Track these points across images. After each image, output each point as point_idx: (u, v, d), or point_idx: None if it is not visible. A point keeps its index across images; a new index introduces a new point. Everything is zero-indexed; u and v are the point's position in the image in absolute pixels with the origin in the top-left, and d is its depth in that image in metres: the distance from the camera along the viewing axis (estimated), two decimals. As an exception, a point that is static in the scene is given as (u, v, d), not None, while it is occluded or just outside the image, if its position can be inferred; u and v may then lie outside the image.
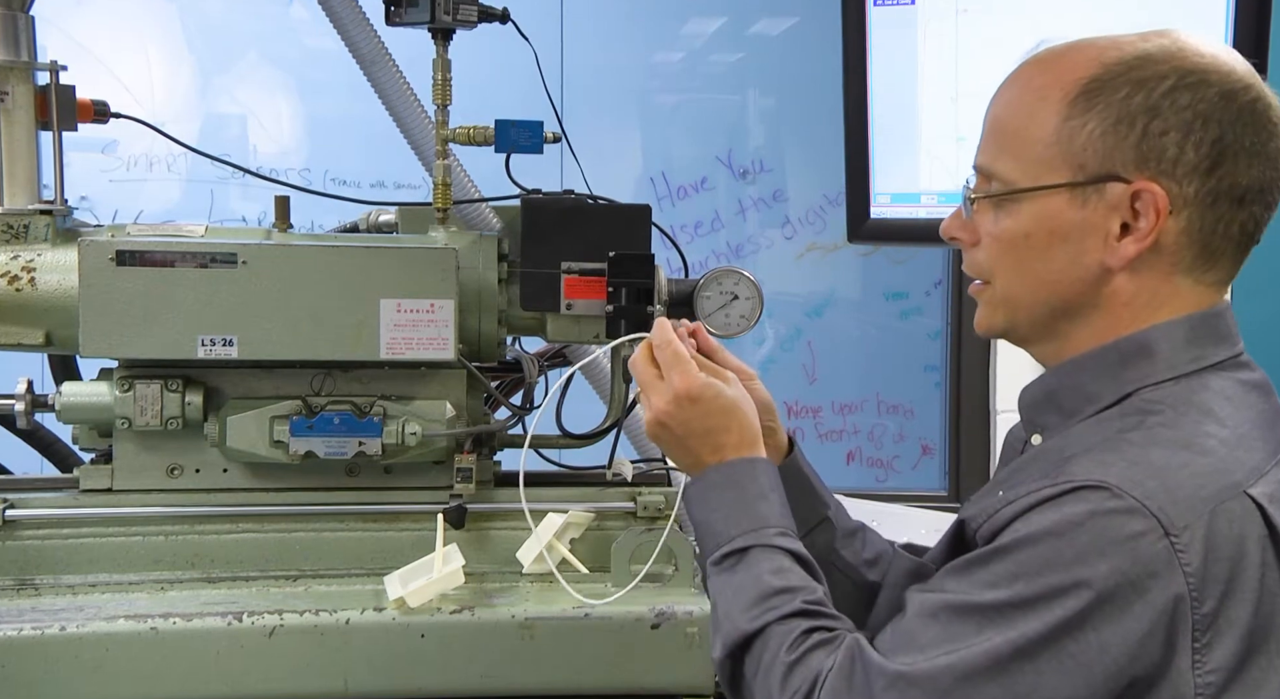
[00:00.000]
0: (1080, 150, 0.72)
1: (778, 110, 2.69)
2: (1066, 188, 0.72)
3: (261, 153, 2.54)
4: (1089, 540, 0.64)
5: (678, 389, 0.81)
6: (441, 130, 1.13)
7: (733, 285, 1.12)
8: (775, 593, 0.74)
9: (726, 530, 0.78)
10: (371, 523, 1.13)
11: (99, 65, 2.38)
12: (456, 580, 1.04)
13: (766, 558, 0.76)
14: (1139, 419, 0.70)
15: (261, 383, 1.10)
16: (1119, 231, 0.72)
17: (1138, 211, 0.71)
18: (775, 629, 0.73)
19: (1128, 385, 0.73)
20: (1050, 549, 0.65)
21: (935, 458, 2.70)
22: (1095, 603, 0.64)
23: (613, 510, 1.14)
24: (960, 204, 0.80)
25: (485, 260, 1.13)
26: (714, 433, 0.81)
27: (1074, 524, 0.64)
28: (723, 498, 0.79)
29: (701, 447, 0.81)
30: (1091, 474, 0.66)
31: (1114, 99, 0.71)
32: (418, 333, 1.06)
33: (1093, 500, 0.65)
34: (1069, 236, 0.73)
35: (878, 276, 2.68)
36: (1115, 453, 0.68)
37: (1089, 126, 0.71)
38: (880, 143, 1.43)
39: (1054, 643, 0.64)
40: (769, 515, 0.79)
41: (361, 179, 2.49)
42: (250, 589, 1.08)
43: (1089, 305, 0.74)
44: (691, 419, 0.81)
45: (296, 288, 1.04)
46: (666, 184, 2.62)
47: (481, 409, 1.17)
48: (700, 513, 0.81)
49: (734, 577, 0.76)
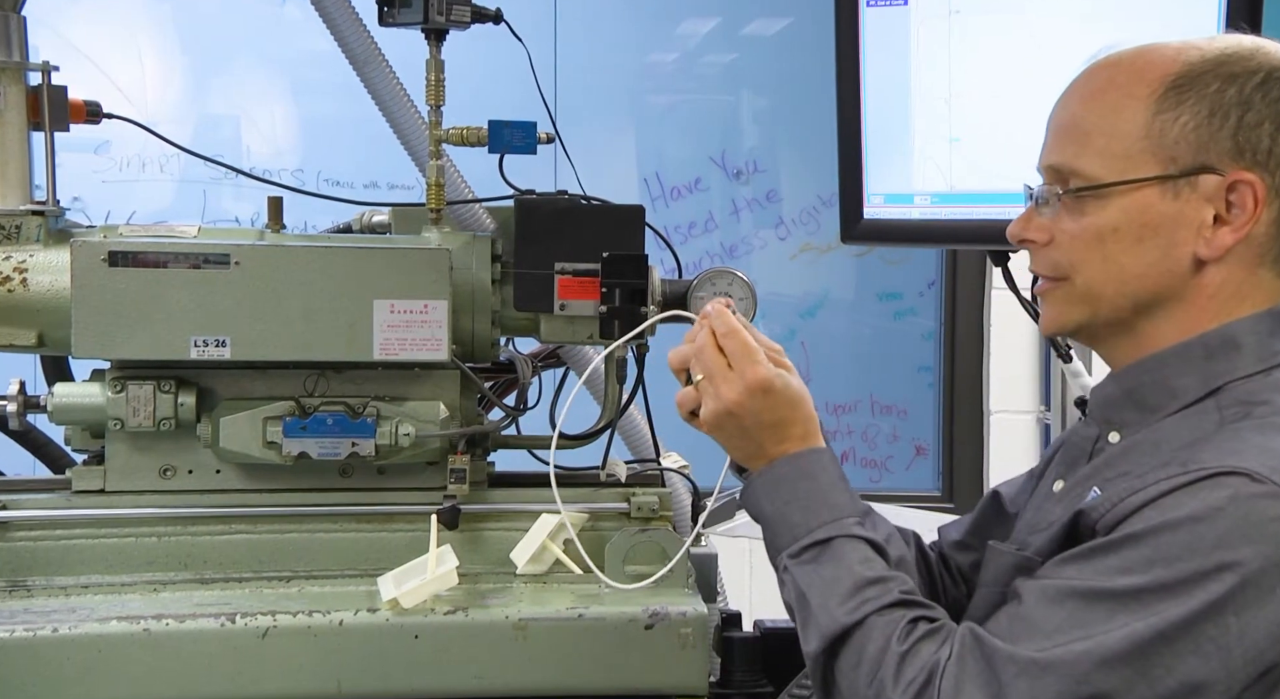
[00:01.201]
0: (1173, 144, 0.72)
1: (771, 111, 2.70)
2: (1157, 181, 0.73)
3: (254, 153, 2.54)
4: (1232, 525, 0.64)
5: (750, 380, 0.80)
6: (435, 131, 1.13)
7: (726, 286, 1.12)
8: (869, 583, 0.74)
9: (805, 522, 0.78)
10: (365, 524, 1.12)
11: (91, 66, 2.38)
12: (450, 581, 1.04)
13: (852, 548, 0.76)
14: (1244, 410, 0.71)
15: (254, 384, 1.10)
16: (1212, 223, 0.73)
17: (1232, 202, 0.72)
18: (876, 620, 0.73)
19: (1214, 380, 0.73)
20: (1191, 534, 0.65)
21: (929, 458, 2.71)
22: (1239, 587, 0.64)
23: (607, 511, 1.14)
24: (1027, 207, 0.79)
25: (479, 261, 1.12)
26: (784, 425, 0.81)
27: (1216, 509, 0.65)
28: (796, 489, 0.80)
29: (769, 437, 0.81)
30: (1226, 460, 0.66)
31: (1205, 93, 0.72)
32: (411, 333, 1.06)
33: (1233, 485, 0.65)
34: (1160, 229, 0.73)
35: (871, 277, 2.69)
36: (1240, 441, 0.68)
37: (1181, 120, 0.72)
38: (873, 143, 1.43)
39: (1194, 627, 0.64)
40: (845, 505, 0.79)
41: (355, 180, 2.49)
42: (243, 590, 1.07)
43: (1173, 298, 0.75)
44: (763, 411, 0.81)
45: (289, 288, 1.04)
46: (660, 185, 2.62)
47: (475, 410, 1.17)
48: (772, 505, 0.80)
49: (821, 569, 0.76)
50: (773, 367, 0.82)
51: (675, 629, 1.03)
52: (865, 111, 1.43)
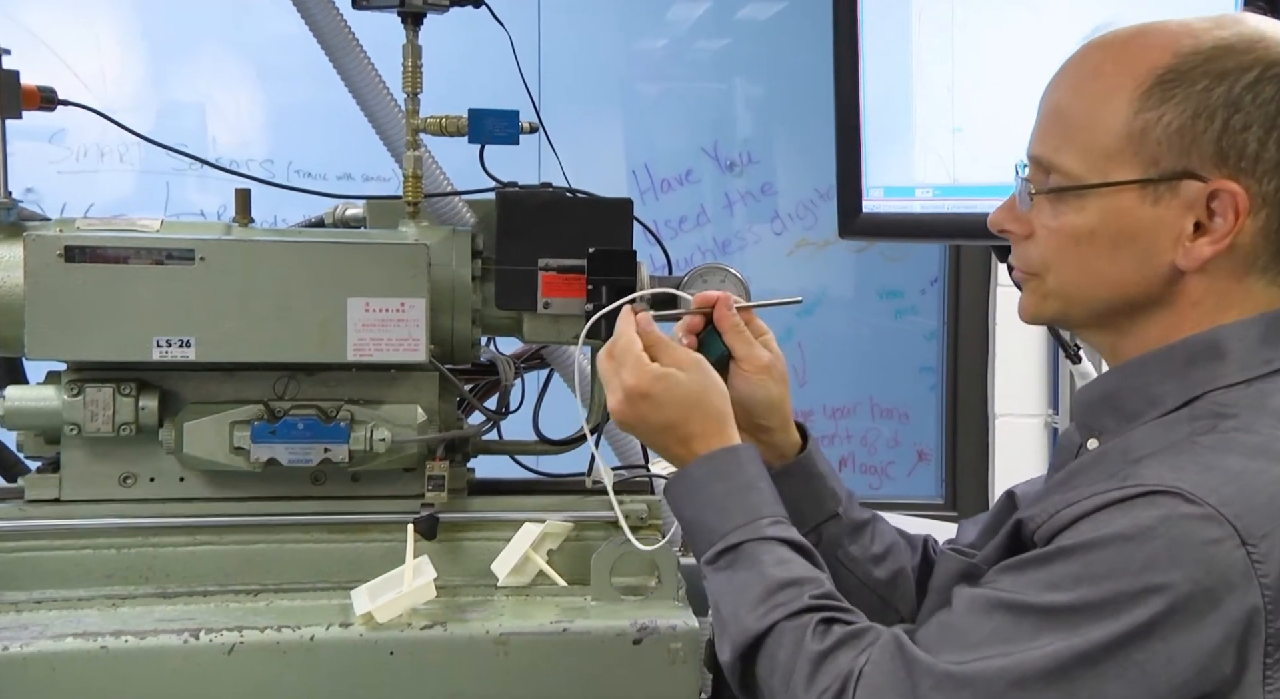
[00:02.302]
0: (1154, 145, 0.71)
1: (766, 99, 2.70)
2: (1137, 185, 0.72)
3: (220, 143, 2.53)
4: (1162, 546, 0.64)
5: (627, 386, 0.81)
6: (412, 120, 1.13)
7: (719, 283, 1.13)
8: (781, 587, 0.74)
9: (719, 526, 0.78)
10: (338, 534, 1.12)
11: (46, 50, 2.36)
12: (428, 594, 1.04)
13: (766, 551, 0.76)
14: (1211, 423, 0.70)
15: (221, 386, 1.09)
16: (1192, 231, 0.71)
17: (1214, 211, 0.71)
18: (786, 626, 0.73)
19: (1195, 388, 0.72)
20: (1119, 553, 0.64)
21: (931, 464, 2.72)
22: (1166, 612, 0.63)
23: (593, 520, 1.15)
24: (1011, 195, 0.79)
25: (458, 257, 1.12)
26: (675, 425, 0.81)
27: (1146, 529, 0.64)
28: (710, 492, 0.79)
29: (668, 440, 0.82)
30: (1163, 478, 0.66)
31: (1192, 91, 0.70)
32: (387, 333, 1.06)
33: (1166, 505, 0.65)
34: (1138, 235, 0.72)
35: (871, 274, 2.70)
36: (1188, 457, 0.68)
37: (1164, 120, 0.71)
38: (873, 134, 1.44)
39: (1119, 651, 0.64)
40: (760, 505, 0.79)
41: (327, 171, 2.48)
42: (208, 605, 1.07)
43: (1154, 304, 0.74)
44: (648, 414, 0.81)
45: (258, 286, 1.04)
46: (649, 177, 2.62)
47: (454, 413, 1.17)
48: (689, 510, 0.81)
49: (734, 574, 0.76)
50: (655, 368, 0.82)
51: (665, 644, 1.04)
52: (864, 100, 1.43)
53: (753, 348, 0.89)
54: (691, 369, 0.83)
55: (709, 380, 0.83)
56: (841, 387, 2.71)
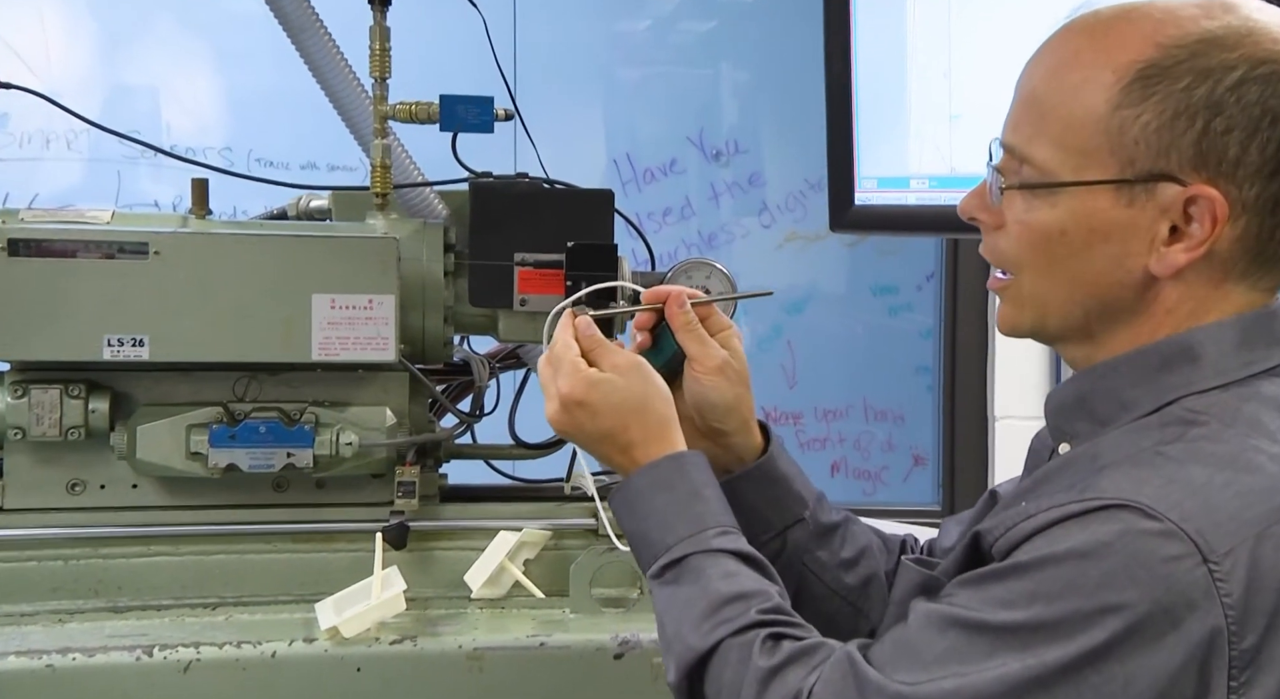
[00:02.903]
0: (1131, 144, 0.71)
1: (754, 85, 2.71)
2: (1112, 184, 0.72)
3: (175, 129, 2.51)
4: (1118, 564, 0.64)
5: (563, 393, 0.82)
6: (380, 106, 1.13)
7: (704, 278, 1.13)
8: (726, 602, 0.74)
9: (662, 539, 0.78)
10: (302, 543, 1.12)
11: (-14, 29, 2.34)
12: (397, 607, 1.04)
13: (711, 564, 0.76)
14: (1180, 431, 0.70)
15: (177, 387, 1.09)
16: (1168, 235, 0.72)
17: (1191, 216, 0.71)
18: (731, 643, 0.73)
19: (1169, 392, 0.72)
20: (1074, 571, 0.64)
21: (928, 469, 2.74)
22: (1123, 633, 0.63)
23: (572, 528, 1.15)
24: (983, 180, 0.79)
25: (429, 251, 1.13)
26: (613, 433, 0.81)
27: (1102, 545, 0.64)
28: (652, 504, 0.79)
29: (608, 449, 0.82)
30: (1123, 491, 0.66)
31: (1173, 89, 0.70)
32: (354, 331, 1.06)
33: (1124, 520, 0.64)
34: (1110, 237, 0.72)
35: (864, 269, 2.72)
36: (1150, 468, 0.67)
37: (1143, 118, 0.70)
38: (866, 122, 1.45)
39: (1074, 673, 0.63)
40: (705, 515, 0.79)
41: (290, 160, 2.47)
42: (163, 619, 1.07)
43: (1127, 309, 0.74)
44: (584, 422, 0.81)
45: (217, 281, 1.04)
46: (631, 167, 2.63)
47: (426, 416, 1.17)
48: (631, 523, 0.81)
49: (678, 590, 0.76)
50: (593, 374, 0.81)
51: (648, 659, 1.04)
52: (857, 87, 1.44)
53: (706, 346, 0.89)
54: (630, 373, 0.83)
55: (650, 385, 0.83)
56: (833, 388, 2.73)
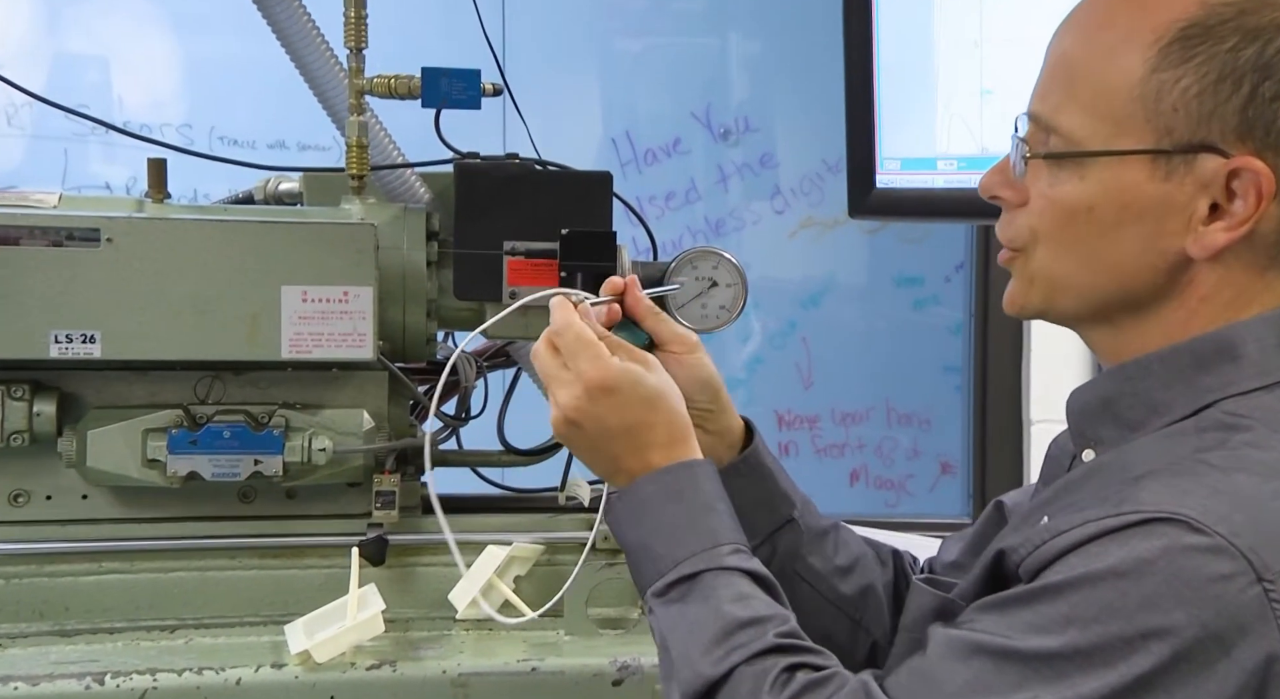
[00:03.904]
0: (1169, 111, 0.70)
1: (765, 57, 2.72)
2: (1148, 155, 0.71)
3: (129, 103, 2.51)
4: (1163, 583, 0.63)
5: (589, 379, 0.80)
6: (356, 79, 1.13)
7: (711, 269, 1.14)
8: (741, 626, 0.74)
9: (671, 553, 0.78)
10: (270, 559, 1.12)
11: (-82, -6, 2.34)
12: (375, 629, 1.04)
13: (724, 583, 0.76)
14: (1221, 436, 0.70)
15: (132, 388, 1.09)
16: (1207, 213, 0.71)
17: (1234, 192, 0.70)
18: (745, 671, 0.73)
19: (1206, 394, 0.72)
20: (1114, 592, 0.64)
21: (957, 477, 2.75)
22: (1169, 660, 0.62)
23: (566, 542, 1.15)
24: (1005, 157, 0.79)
25: (410, 239, 1.13)
26: (636, 430, 0.80)
27: (1144, 563, 0.64)
28: (661, 514, 0.79)
29: (623, 447, 0.81)
30: (1164, 503, 0.65)
31: (1218, 50, 0.70)
32: (328, 327, 1.06)
33: (1167, 535, 0.64)
34: (1143, 214, 0.72)
35: (886, 259, 2.72)
36: (1193, 478, 0.67)
37: (1183, 82, 0.70)
38: (889, 97, 1.45)
39: None
40: (719, 530, 0.79)
41: (256, 138, 2.47)
42: (116, 644, 1.07)
43: (1158, 297, 0.74)
44: (607, 414, 0.80)
45: (176, 272, 1.04)
46: (631, 147, 2.63)
47: (407, 420, 1.18)
48: (634, 534, 0.80)
49: (687, 609, 0.76)
50: (618, 362, 0.81)
51: (649, 685, 1.05)
52: (878, 58, 1.44)
53: (675, 327, 0.90)
54: (655, 369, 0.83)
55: (671, 385, 0.83)
56: (853, 389, 2.73)
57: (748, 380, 2.70)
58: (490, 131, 1.27)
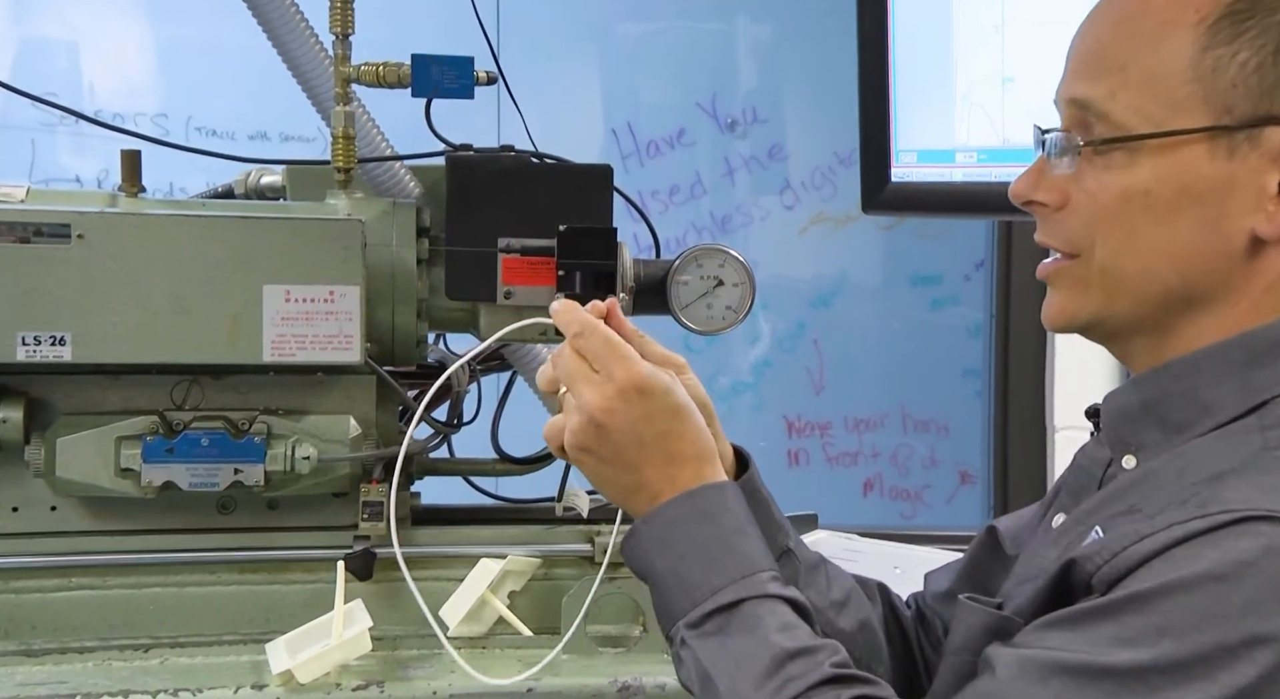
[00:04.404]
0: (1228, 87, 0.71)
1: (774, 43, 2.72)
2: (1207, 134, 0.72)
3: (100, 92, 2.51)
4: (1264, 585, 0.63)
5: (621, 380, 0.79)
6: (342, 67, 1.13)
7: (717, 268, 1.14)
8: (791, 658, 0.73)
9: (707, 580, 0.77)
10: (250, 574, 1.12)
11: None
12: (361, 647, 1.04)
13: (769, 612, 0.76)
14: None
15: (105, 394, 1.09)
16: (1277, 191, 0.72)
17: None
18: None
19: (1262, 391, 0.73)
20: (1211, 597, 0.64)
21: (977, 487, 2.75)
22: (1276, 668, 0.62)
23: (564, 555, 1.15)
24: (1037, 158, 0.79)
25: (400, 236, 1.13)
26: (667, 439, 0.79)
27: (1242, 565, 0.64)
28: (693, 537, 0.78)
29: (651, 459, 0.79)
30: (1254, 501, 0.65)
31: (1271, 22, 0.71)
32: (312, 329, 1.06)
33: (1265, 534, 0.64)
34: (1204, 197, 0.73)
35: (902, 256, 2.72)
36: (1277, 474, 0.67)
37: (1239, 57, 0.71)
38: (905, 86, 1.45)
39: None
40: (756, 556, 0.78)
41: (236, 129, 2.47)
42: (86, 664, 1.07)
43: (1219, 288, 0.74)
44: (640, 420, 0.79)
45: (151, 270, 1.04)
46: (633, 138, 2.63)
47: (395, 426, 1.18)
48: (662, 560, 0.79)
49: (729, 641, 0.75)
50: (650, 366, 0.80)
51: (653, 707, 1.05)
52: (894, 45, 1.45)
53: (661, 349, 0.89)
54: (685, 375, 0.83)
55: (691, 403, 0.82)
56: (867, 393, 2.73)
57: (756, 385, 2.70)
58: (484, 123, 1.27)
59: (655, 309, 1.15)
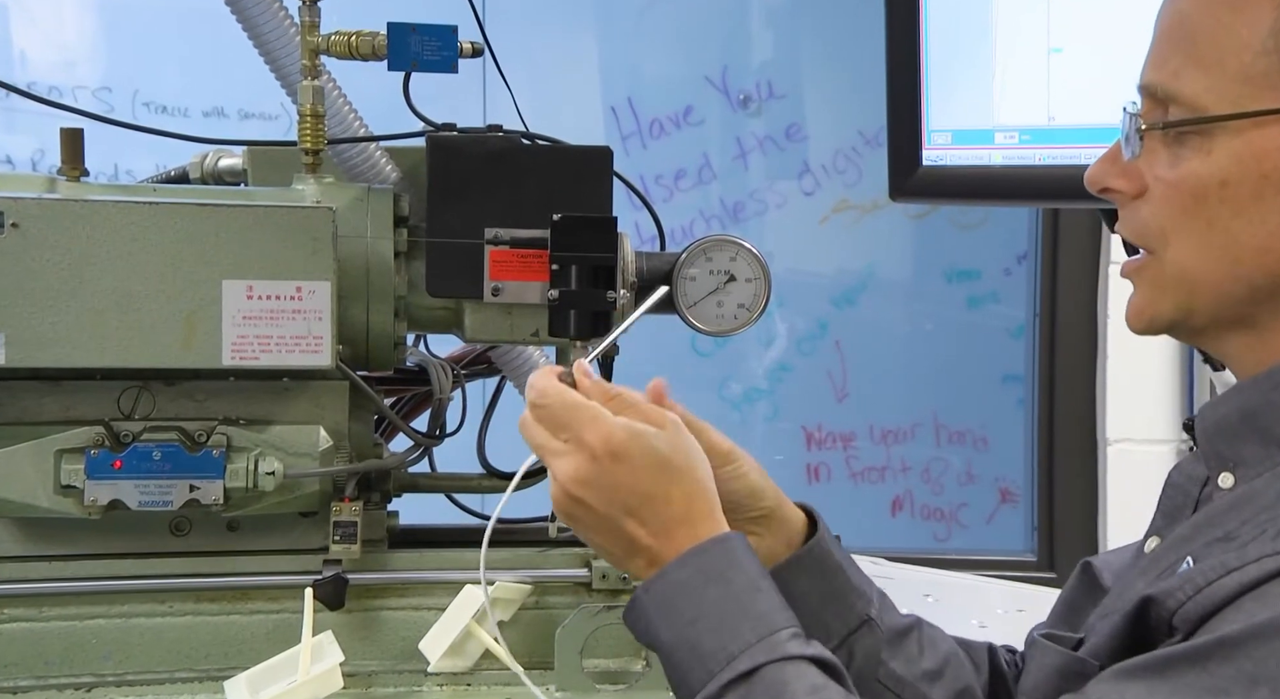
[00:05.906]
0: None
1: (792, 11, 2.73)
2: None
3: (34, 62, 2.52)
4: None
5: (591, 446, 0.80)
6: (310, 37, 1.14)
7: (728, 261, 1.14)
8: None
9: (722, 647, 0.77)
10: (208, 603, 1.12)
11: None
12: (332, 685, 1.04)
13: (794, 674, 0.76)
14: None
15: (43, 401, 1.10)
16: None
17: None
18: None
19: None
20: None
21: (1019, 507, 2.75)
22: None
23: (557, 580, 1.16)
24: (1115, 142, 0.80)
25: (375, 225, 1.13)
26: (654, 502, 0.80)
27: None
28: (702, 602, 0.79)
29: (640, 526, 0.80)
30: None
31: None
32: (278, 329, 1.07)
33: None
34: None
35: (935, 249, 2.73)
36: None
37: None
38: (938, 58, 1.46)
39: None
40: (772, 614, 0.78)
41: (190, 105, 2.48)
42: (27, 703, 1.07)
43: None
44: (619, 487, 0.80)
45: (96, 264, 1.04)
46: (634, 117, 2.64)
47: (371, 438, 1.18)
48: (669, 630, 0.79)
49: None
50: (623, 422, 0.80)
51: (656, 751, 1.05)
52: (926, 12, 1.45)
53: (707, 434, 0.89)
54: (671, 429, 0.83)
55: (693, 446, 0.83)
56: (895, 401, 2.74)
57: (771, 392, 2.71)
58: (469, 99, 1.28)
59: (659, 308, 1.15)
